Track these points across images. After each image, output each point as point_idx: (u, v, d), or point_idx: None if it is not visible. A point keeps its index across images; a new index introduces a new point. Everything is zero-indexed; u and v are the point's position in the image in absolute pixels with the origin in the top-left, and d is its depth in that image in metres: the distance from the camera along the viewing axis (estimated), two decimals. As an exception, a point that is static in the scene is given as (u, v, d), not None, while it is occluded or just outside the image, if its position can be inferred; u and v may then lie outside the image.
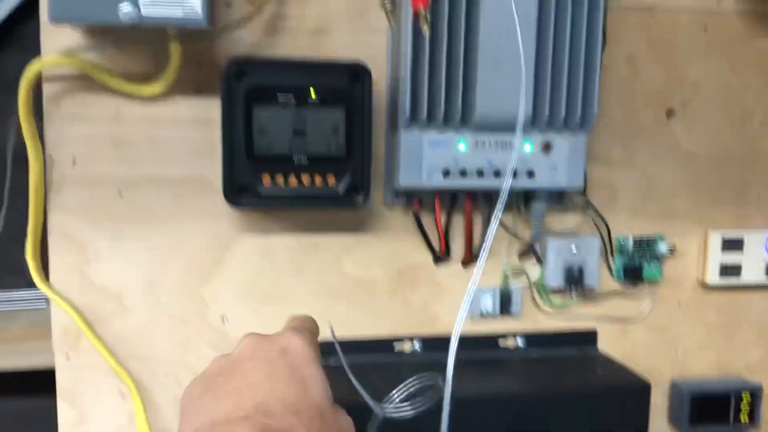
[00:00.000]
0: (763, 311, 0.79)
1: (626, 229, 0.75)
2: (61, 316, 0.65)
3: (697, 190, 0.76)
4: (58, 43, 0.62)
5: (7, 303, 0.73)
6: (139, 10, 0.54)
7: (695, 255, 0.77)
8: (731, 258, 0.76)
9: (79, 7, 0.54)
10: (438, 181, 0.66)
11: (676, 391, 0.77)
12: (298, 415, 0.41)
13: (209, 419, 0.40)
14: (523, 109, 0.61)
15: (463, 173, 0.66)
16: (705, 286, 0.77)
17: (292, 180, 0.63)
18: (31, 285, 0.71)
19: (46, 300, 0.73)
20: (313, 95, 0.62)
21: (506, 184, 0.51)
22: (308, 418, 0.41)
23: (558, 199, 0.72)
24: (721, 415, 0.77)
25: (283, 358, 0.44)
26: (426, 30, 0.45)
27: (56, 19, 0.54)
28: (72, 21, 0.55)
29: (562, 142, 0.67)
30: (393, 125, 0.67)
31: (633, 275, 0.75)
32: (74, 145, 0.64)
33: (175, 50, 0.61)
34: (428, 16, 0.45)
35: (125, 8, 0.54)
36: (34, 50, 0.67)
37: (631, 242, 0.75)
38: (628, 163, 0.74)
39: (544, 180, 0.67)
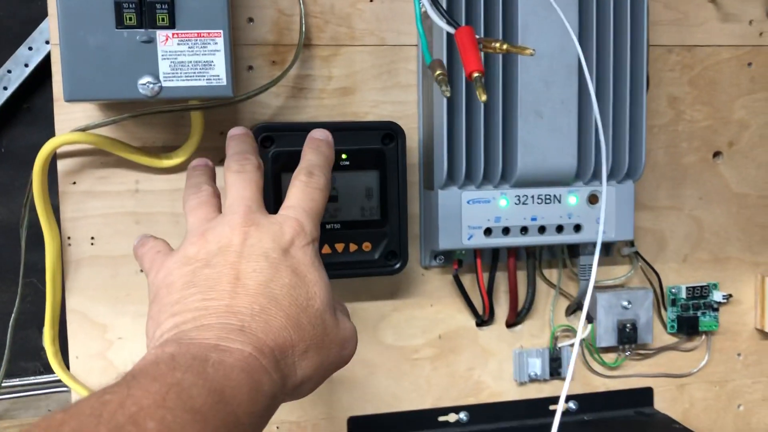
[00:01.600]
0: (827, 358, 0.74)
1: (678, 279, 0.70)
2: (83, 405, 0.61)
3: (750, 233, 0.72)
4: (71, 117, 0.58)
5: (24, 389, 0.68)
6: (160, 82, 0.51)
7: (752, 302, 0.72)
8: (791, 304, 0.71)
9: (96, 85, 0.50)
10: (480, 241, 0.62)
11: (740, 449, 0.72)
12: (300, 328, 0.37)
13: (193, 317, 0.36)
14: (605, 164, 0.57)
15: (505, 231, 0.62)
16: (764, 335, 0.73)
17: (326, 248, 0.59)
18: (49, 369, 0.67)
19: (66, 389, 0.69)
20: (344, 159, 0.58)
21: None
22: (310, 331, 0.38)
23: (605, 250, 0.68)
24: (791, 474, 0.71)
25: (286, 260, 0.39)
26: (483, 97, 0.41)
27: (72, 99, 0.50)
28: (89, 100, 0.52)
29: (609, 193, 0.63)
30: (428, 184, 0.63)
31: (688, 327, 0.70)
32: (92, 223, 0.60)
33: (196, 119, 0.58)
34: (481, 84, 0.41)
35: (145, 81, 0.50)
36: (47, 123, 0.64)
37: (684, 292, 0.70)
38: (675, 208, 0.70)
39: (592, 233, 0.63)
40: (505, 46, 0.44)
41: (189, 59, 0.51)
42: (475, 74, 0.41)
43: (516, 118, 0.59)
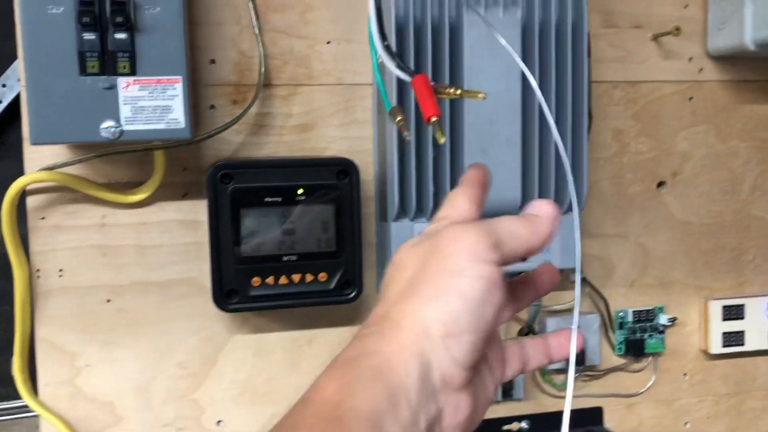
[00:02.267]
0: (769, 377, 0.78)
1: (625, 303, 0.74)
2: (50, 429, 0.63)
3: (694, 259, 0.76)
4: (40, 156, 0.61)
5: (-3, 414, 0.71)
6: (122, 126, 0.54)
7: (696, 324, 0.76)
8: (733, 326, 0.75)
9: (60, 129, 0.53)
10: (431, 271, 0.65)
11: (687, 465, 0.76)
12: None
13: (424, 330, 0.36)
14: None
15: (456, 260, 0.65)
16: (709, 356, 0.76)
17: (283, 279, 0.62)
18: (12, 396, 0.70)
19: (34, 414, 0.71)
20: (301, 193, 0.62)
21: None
22: None
23: (554, 277, 0.71)
24: (735, 489, 0.75)
25: (492, 296, 0.36)
26: (441, 140, 0.45)
27: (37, 142, 0.53)
28: (54, 142, 0.55)
29: (554, 224, 0.66)
30: (383, 215, 0.66)
31: (635, 349, 0.74)
32: (60, 256, 0.63)
33: (158, 158, 0.61)
34: (438, 127, 0.44)
35: (107, 125, 0.54)
36: (15, 157, 0.67)
37: (630, 316, 0.74)
38: (622, 236, 0.74)
39: (537, 261, 0.66)
40: (458, 92, 0.47)
41: (149, 104, 0.54)
42: (433, 119, 0.44)
43: (463, 154, 0.63)
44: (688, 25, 0.73)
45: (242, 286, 0.61)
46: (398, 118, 0.51)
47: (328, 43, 0.66)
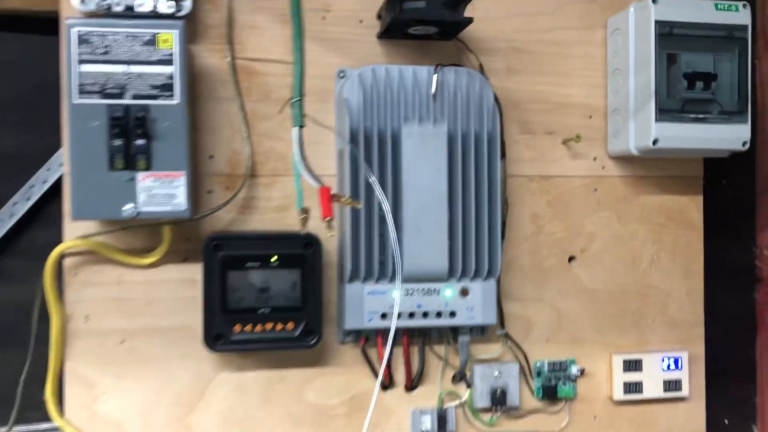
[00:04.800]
0: (668, 422, 0.93)
1: (542, 355, 0.90)
2: (72, 445, 0.80)
3: (601, 320, 0.92)
4: (77, 227, 0.80)
5: (28, 434, 0.88)
6: (138, 208, 0.73)
7: (603, 375, 0.91)
8: (633, 377, 0.90)
9: (93, 209, 0.72)
10: (377, 323, 0.82)
11: (596, 495, 0.90)
12: None
13: None
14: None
15: (399, 316, 0.82)
16: (614, 402, 0.91)
17: (258, 327, 0.79)
18: (48, 419, 0.87)
19: (60, 432, 0.88)
20: (274, 260, 0.79)
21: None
22: None
23: (481, 332, 0.88)
24: None
25: None
26: (330, 234, 0.64)
27: (77, 218, 0.72)
28: (88, 218, 0.74)
29: (476, 288, 0.83)
30: (341, 278, 0.84)
31: (550, 394, 0.89)
32: (87, 305, 0.81)
33: (166, 231, 0.79)
34: (332, 224, 0.63)
35: (127, 207, 0.72)
36: (55, 225, 0.86)
37: (546, 366, 0.89)
38: (539, 300, 0.90)
39: (463, 318, 0.83)
40: (346, 200, 0.67)
41: (159, 191, 0.73)
42: (327, 218, 0.63)
43: (403, 232, 0.81)
44: (593, 132, 0.92)
45: (227, 331, 0.79)
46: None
47: (302, 144, 0.85)
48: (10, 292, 0.91)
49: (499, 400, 0.87)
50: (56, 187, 0.91)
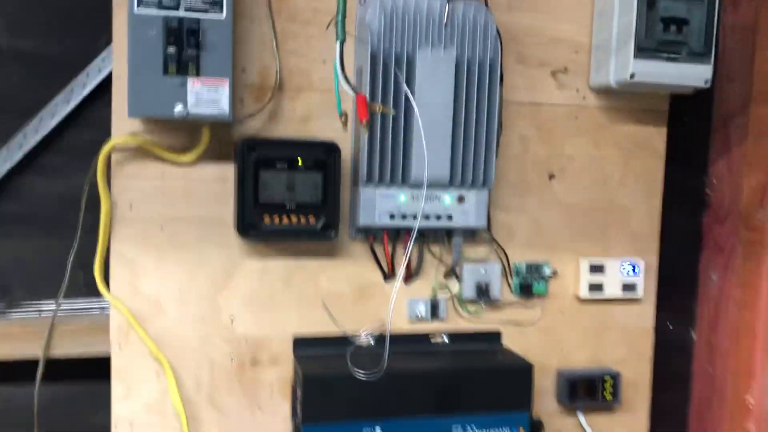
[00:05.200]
0: (623, 318, 1.09)
1: (521, 257, 1.04)
2: (116, 316, 0.92)
3: (572, 230, 1.06)
4: (123, 125, 0.90)
5: (72, 309, 0.99)
6: (188, 109, 0.83)
7: (572, 276, 1.07)
8: (596, 278, 1.06)
9: (149, 108, 0.82)
10: (386, 222, 0.95)
11: (560, 377, 1.06)
12: None
13: None
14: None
15: (403, 217, 0.95)
16: (580, 300, 1.07)
17: (285, 220, 0.91)
18: (88, 296, 0.99)
19: (100, 308, 1.00)
20: (300, 163, 0.91)
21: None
22: None
23: (471, 235, 1.02)
24: (591, 394, 1.06)
25: None
26: (365, 133, 0.76)
27: (132, 115, 0.82)
28: (143, 116, 0.84)
29: (471, 196, 0.97)
30: (355, 183, 0.96)
31: (526, 291, 1.04)
32: (131, 195, 0.91)
33: (205, 132, 0.90)
34: (367, 126, 0.75)
35: (178, 108, 0.83)
36: (94, 126, 0.96)
37: (524, 267, 1.04)
38: (521, 211, 1.04)
39: (459, 221, 0.97)
40: (380, 108, 0.78)
41: (206, 96, 0.84)
42: (364, 121, 0.75)
43: (411, 144, 0.93)
44: (578, 66, 1.04)
45: (257, 222, 0.90)
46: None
47: (324, 62, 0.95)
48: (53, 185, 1.00)
49: (483, 293, 1.01)
50: (94, 92, 1.00)
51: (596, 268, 1.06)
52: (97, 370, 0.96)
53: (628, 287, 1.08)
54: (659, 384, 1.21)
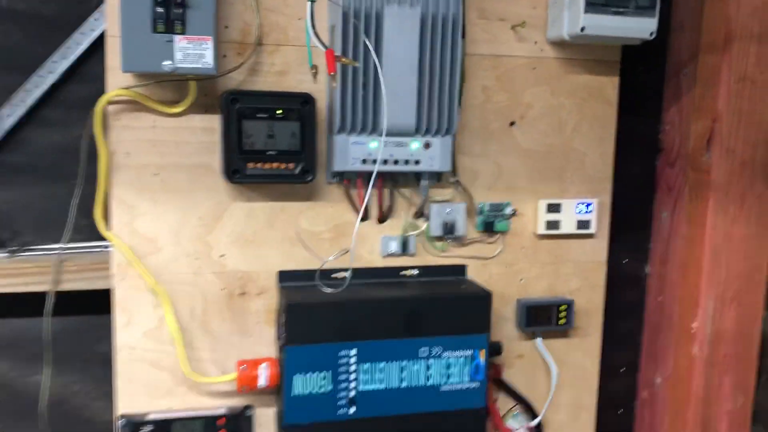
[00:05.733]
0: (577, 253, 1.20)
1: (484, 198, 1.15)
2: (117, 253, 1.02)
3: (531, 173, 1.16)
4: (117, 80, 0.98)
5: (76, 250, 1.09)
6: (175, 63, 0.92)
7: (531, 215, 1.17)
8: (553, 217, 1.16)
9: (140, 63, 0.91)
10: (358, 167, 1.04)
11: (519, 305, 1.18)
12: None
13: None
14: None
15: (374, 161, 1.05)
16: (538, 236, 1.18)
17: (267, 165, 1.01)
18: (89, 239, 1.09)
19: (101, 247, 1.10)
20: (279, 113, 1.00)
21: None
22: None
23: (437, 179, 1.11)
24: (547, 320, 1.17)
25: None
26: (333, 83, 0.85)
27: (126, 70, 0.91)
28: (135, 71, 0.93)
29: (436, 142, 1.06)
30: (330, 131, 1.05)
31: (489, 228, 1.15)
32: (127, 144, 1.01)
33: (192, 86, 0.99)
34: (335, 78, 0.84)
35: (167, 63, 0.91)
36: (89, 82, 1.05)
37: (487, 206, 1.14)
38: (484, 156, 1.14)
39: (426, 165, 1.07)
40: (345, 60, 0.88)
41: (192, 52, 0.92)
42: (332, 73, 0.84)
43: (381, 95, 1.02)
44: (536, 20, 1.13)
45: (242, 167, 1.00)
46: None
47: (299, 19, 1.04)
48: (52, 136, 1.09)
49: (449, 231, 1.12)
50: (88, 50, 1.08)
51: (553, 207, 1.16)
52: (100, 303, 1.06)
53: (582, 224, 1.18)
54: (616, 314, 1.34)
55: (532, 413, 1.21)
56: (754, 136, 1.24)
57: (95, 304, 1.10)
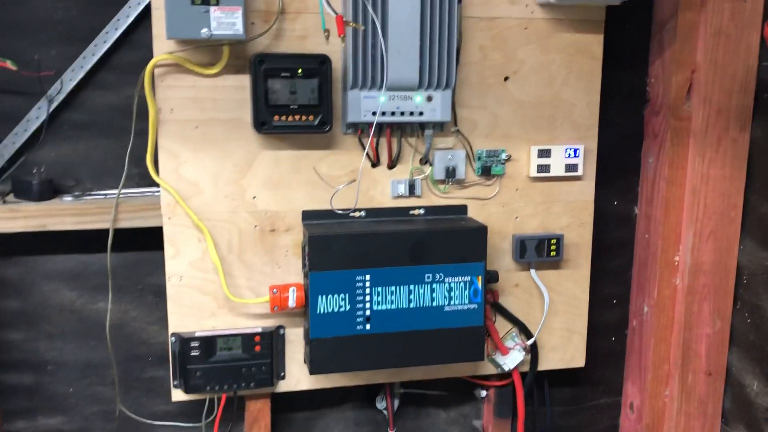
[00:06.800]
0: (566, 194, 1.35)
1: (482, 146, 1.30)
2: (165, 195, 1.20)
3: (524, 122, 1.31)
4: (162, 46, 1.15)
5: (130, 195, 1.28)
6: (211, 31, 1.08)
7: (524, 160, 1.32)
8: (544, 161, 1.31)
9: (181, 30, 1.08)
10: (369, 118, 1.20)
11: (514, 240, 1.33)
12: None
13: None
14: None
15: (383, 113, 1.20)
16: (531, 179, 1.33)
17: (290, 118, 1.17)
18: (140, 185, 1.27)
19: (151, 193, 1.28)
20: (300, 72, 1.16)
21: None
22: None
23: (440, 128, 1.27)
24: (539, 252, 1.33)
25: None
26: (342, 44, 1.01)
27: (170, 37, 1.08)
28: (177, 37, 1.09)
29: (438, 95, 1.21)
30: (344, 88, 1.21)
31: (486, 172, 1.30)
32: (171, 102, 1.18)
33: (225, 49, 1.15)
34: (344, 39, 1.00)
35: (204, 30, 1.08)
36: (138, 49, 1.22)
37: (485, 153, 1.30)
38: (482, 107, 1.29)
39: (428, 116, 1.22)
40: (352, 24, 1.03)
41: (225, 20, 1.09)
42: (341, 35, 0.99)
43: (388, 53, 1.17)
44: (527, -15, 1.26)
45: (269, 120, 1.17)
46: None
47: (317, -10, 1.19)
48: (108, 97, 1.27)
49: (450, 174, 1.28)
50: (136, 20, 1.25)
51: (543, 153, 1.31)
52: (151, 241, 1.25)
53: (571, 167, 1.33)
54: (608, 250, 1.49)
55: (528, 335, 1.38)
56: (729, 86, 1.36)
57: (147, 243, 1.29)
